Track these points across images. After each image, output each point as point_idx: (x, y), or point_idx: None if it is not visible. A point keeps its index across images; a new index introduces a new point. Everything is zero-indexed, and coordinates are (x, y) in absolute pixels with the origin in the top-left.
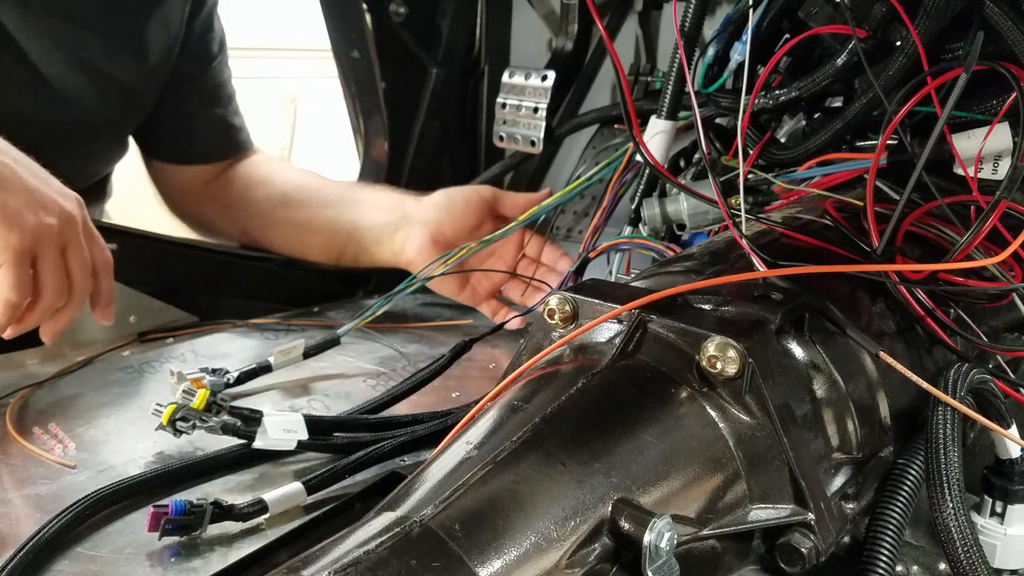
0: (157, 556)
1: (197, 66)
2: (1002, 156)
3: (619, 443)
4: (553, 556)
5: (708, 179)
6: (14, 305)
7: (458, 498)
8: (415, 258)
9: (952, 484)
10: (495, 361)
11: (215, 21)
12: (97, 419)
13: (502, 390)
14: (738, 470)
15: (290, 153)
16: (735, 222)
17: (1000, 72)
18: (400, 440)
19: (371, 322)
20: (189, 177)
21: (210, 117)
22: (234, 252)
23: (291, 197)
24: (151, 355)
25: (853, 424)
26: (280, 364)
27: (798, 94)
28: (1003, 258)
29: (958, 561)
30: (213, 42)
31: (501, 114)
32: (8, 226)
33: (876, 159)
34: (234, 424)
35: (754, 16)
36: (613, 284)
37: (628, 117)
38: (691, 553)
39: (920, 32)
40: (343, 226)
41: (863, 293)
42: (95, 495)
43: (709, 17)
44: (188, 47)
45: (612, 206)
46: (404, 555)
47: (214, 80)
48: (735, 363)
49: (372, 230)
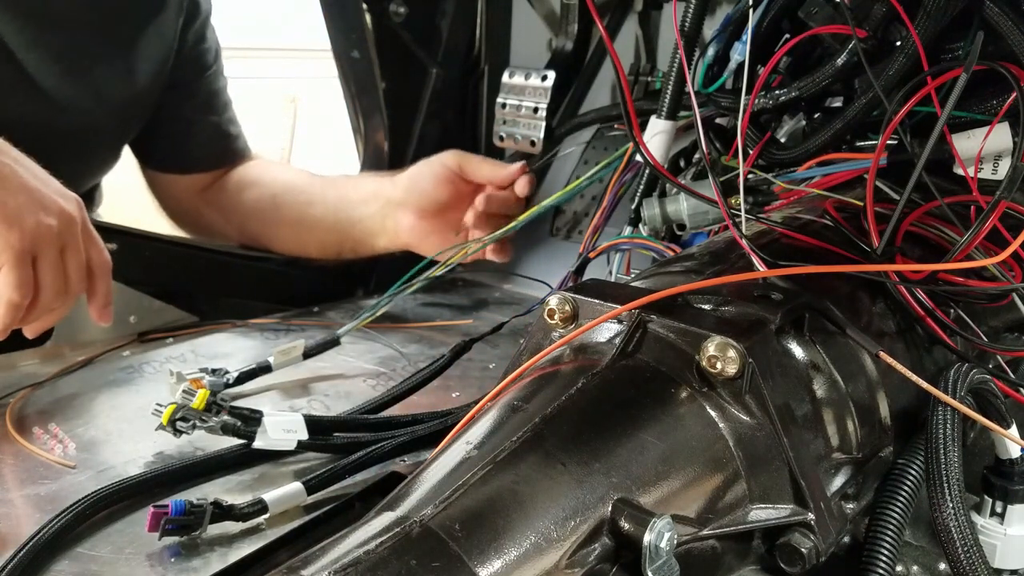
0: (157, 556)
1: (191, 75)
2: (1002, 156)
3: (619, 443)
4: (553, 556)
5: (708, 179)
6: (17, 305)
7: (458, 498)
8: (411, 240)
9: (952, 484)
10: (495, 361)
11: (209, 31)
12: (97, 419)
13: (502, 390)
14: (738, 470)
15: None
16: (735, 222)
17: (1000, 72)
18: (400, 440)
19: (371, 322)
20: (186, 186)
21: (205, 125)
22: (234, 252)
23: (280, 198)
24: (151, 355)
25: (853, 424)
26: (280, 364)
27: (798, 94)
28: (1003, 258)
29: (958, 561)
30: (208, 52)
31: (501, 114)
32: (8, 226)
33: (876, 159)
34: (234, 424)
35: (754, 16)
36: (613, 284)
37: (628, 117)
38: (691, 553)
39: (920, 32)
40: (335, 222)
41: (863, 293)
42: (95, 495)
43: (709, 17)
44: (182, 57)
45: (612, 206)
46: (404, 555)
47: (209, 89)
48: (735, 363)
49: (362, 223)
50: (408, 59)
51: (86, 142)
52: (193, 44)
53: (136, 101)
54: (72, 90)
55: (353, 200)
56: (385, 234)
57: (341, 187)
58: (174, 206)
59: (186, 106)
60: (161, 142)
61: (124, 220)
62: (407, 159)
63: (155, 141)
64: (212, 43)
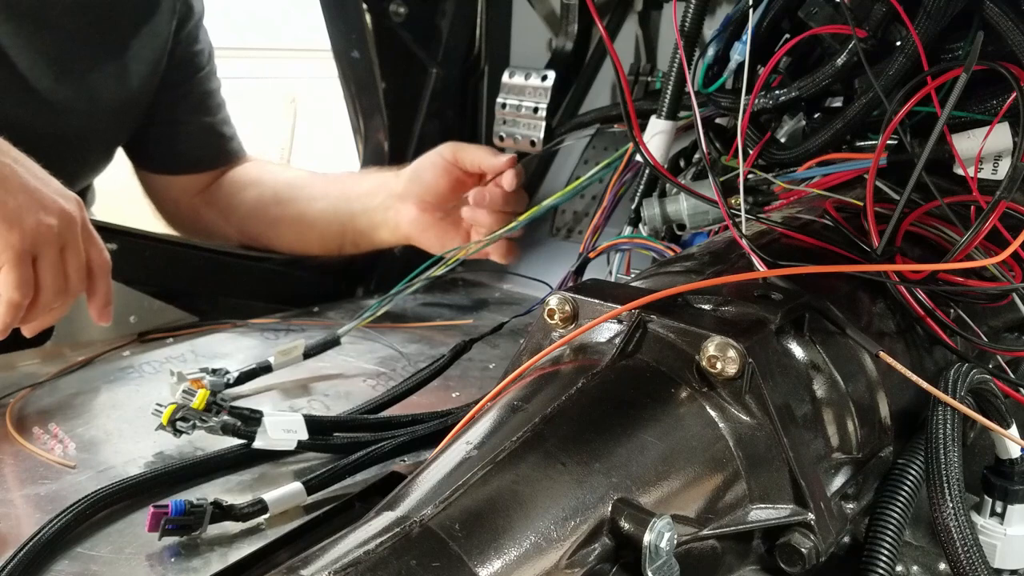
0: (157, 556)
1: (184, 77)
2: (1002, 156)
3: (619, 443)
4: (553, 556)
5: (708, 179)
6: (17, 305)
7: (458, 498)
8: (411, 231)
9: (952, 484)
10: (495, 361)
11: (202, 33)
12: (97, 419)
13: (502, 390)
14: (738, 470)
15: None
16: (735, 222)
17: (1000, 72)
18: (400, 440)
19: (371, 322)
20: (181, 187)
21: (199, 126)
22: (234, 252)
23: (282, 194)
24: (151, 355)
25: (853, 424)
26: (280, 364)
27: (798, 94)
28: (1003, 258)
29: (958, 561)
30: (201, 53)
31: (501, 114)
32: (9, 226)
33: (876, 159)
34: (234, 424)
35: (754, 16)
36: (613, 284)
37: (628, 117)
38: (691, 553)
39: (920, 32)
40: (337, 216)
41: (863, 293)
42: (95, 495)
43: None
44: (175, 58)
45: (612, 206)
46: (404, 555)
47: (202, 90)
48: (735, 363)
49: (365, 214)
50: (408, 59)
51: (79, 144)
52: (186, 45)
53: (129, 103)
54: (66, 92)
55: (357, 194)
56: (387, 226)
57: (344, 182)
58: (171, 208)
59: (179, 107)
60: (155, 143)
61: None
62: (407, 159)
63: (149, 142)
64: (205, 44)
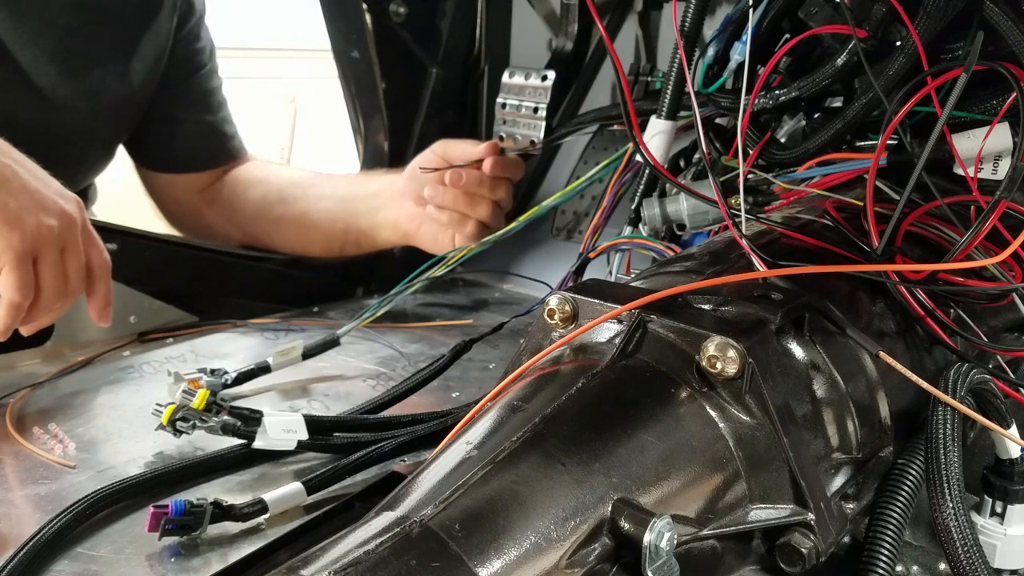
0: (157, 556)
1: (185, 75)
2: (1002, 156)
3: (619, 443)
4: (553, 556)
5: (708, 179)
6: (18, 306)
7: (458, 498)
8: (409, 228)
9: (952, 484)
10: (495, 361)
11: (203, 31)
12: (97, 419)
13: (502, 390)
14: (738, 470)
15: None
16: (735, 222)
17: (1000, 72)
18: (400, 440)
19: (371, 322)
20: (183, 186)
21: (200, 125)
22: (234, 252)
23: (287, 193)
24: (151, 355)
25: (853, 424)
26: (279, 365)
27: (798, 94)
28: (1003, 258)
29: (958, 561)
30: (202, 52)
31: (501, 114)
32: (9, 227)
33: (876, 159)
34: (234, 424)
35: (754, 16)
36: (613, 284)
37: (628, 117)
38: (691, 553)
39: (920, 32)
40: (341, 215)
41: (863, 293)
42: (95, 495)
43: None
44: (176, 56)
45: (612, 206)
46: (404, 555)
47: (203, 88)
48: (735, 363)
49: (368, 214)
50: (408, 59)
51: (80, 141)
52: (187, 43)
53: (130, 100)
54: (67, 89)
55: (362, 194)
56: (387, 224)
57: (349, 182)
58: (172, 208)
59: (180, 105)
60: (155, 141)
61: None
62: (407, 159)
63: (149, 140)
64: (206, 42)
